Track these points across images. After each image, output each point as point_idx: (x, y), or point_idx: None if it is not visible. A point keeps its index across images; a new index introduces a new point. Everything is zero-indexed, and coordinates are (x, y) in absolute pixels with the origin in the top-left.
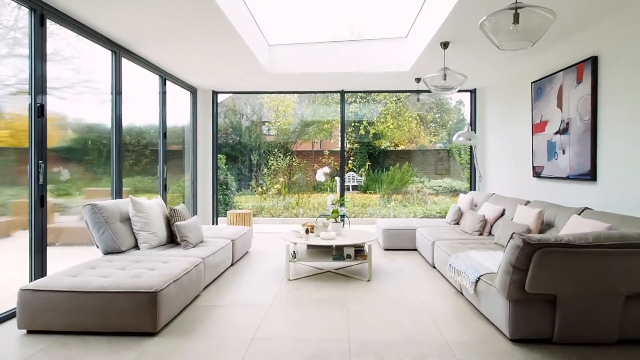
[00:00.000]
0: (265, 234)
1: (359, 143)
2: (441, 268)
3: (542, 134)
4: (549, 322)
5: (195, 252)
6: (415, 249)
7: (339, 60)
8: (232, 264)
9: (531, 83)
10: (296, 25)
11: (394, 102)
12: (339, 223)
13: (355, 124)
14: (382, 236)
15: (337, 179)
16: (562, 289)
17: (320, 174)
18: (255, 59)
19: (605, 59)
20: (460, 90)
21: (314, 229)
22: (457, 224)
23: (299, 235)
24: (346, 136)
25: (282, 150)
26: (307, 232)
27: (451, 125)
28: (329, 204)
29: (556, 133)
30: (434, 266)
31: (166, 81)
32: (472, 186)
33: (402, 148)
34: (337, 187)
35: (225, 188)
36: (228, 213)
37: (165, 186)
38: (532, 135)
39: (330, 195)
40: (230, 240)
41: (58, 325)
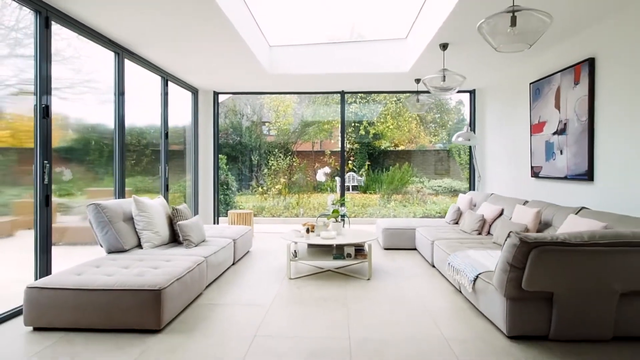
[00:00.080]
0: (266, 234)
1: (359, 143)
2: (440, 267)
3: (541, 134)
4: (546, 319)
5: (197, 251)
6: (415, 249)
7: (339, 61)
8: (234, 263)
9: (529, 84)
10: (296, 26)
11: (394, 103)
12: (340, 223)
13: (356, 124)
14: (382, 236)
15: (337, 179)
16: (558, 286)
17: (320, 174)
18: (256, 59)
19: (602, 61)
20: (460, 91)
21: (315, 228)
22: (457, 223)
23: (299, 234)
24: (346, 136)
25: (283, 151)
26: (308, 232)
27: (451, 125)
28: (330, 203)
29: (554, 133)
30: (434, 265)
31: (168, 82)
32: (472, 186)
33: (402, 148)
34: (338, 187)
35: (226, 188)
36: (229, 213)
37: (167, 186)
38: (531, 135)
39: (330, 195)
40: (231, 239)
41: (64, 323)
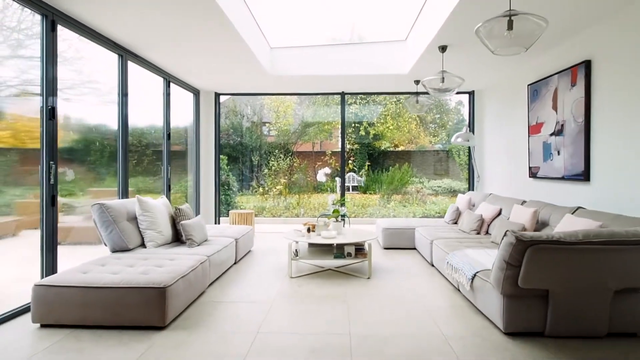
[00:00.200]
0: (267, 234)
1: (359, 144)
2: (439, 266)
3: (538, 135)
4: (542, 316)
5: (200, 250)
6: (415, 248)
7: (340, 62)
8: (236, 262)
9: (527, 85)
10: (297, 27)
11: (394, 104)
12: (340, 222)
13: (356, 125)
14: (382, 235)
15: (338, 179)
16: (554, 284)
17: (320, 175)
18: (256, 60)
19: (598, 63)
20: (459, 92)
21: (316, 228)
22: (455, 223)
23: (300, 234)
24: (346, 137)
25: (283, 151)
26: (309, 231)
27: (451, 126)
28: (330, 203)
29: (551, 134)
30: (433, 264)
31: (170, 83)
32: (470, 186)
33: (402, 149)
34: (338, 188)
35: (227, 188)
36: (230, 213)
37: (169, 186)
38: (529, 136)
39: (331, 195)
40: (233, 239)
41: (70, 319)
